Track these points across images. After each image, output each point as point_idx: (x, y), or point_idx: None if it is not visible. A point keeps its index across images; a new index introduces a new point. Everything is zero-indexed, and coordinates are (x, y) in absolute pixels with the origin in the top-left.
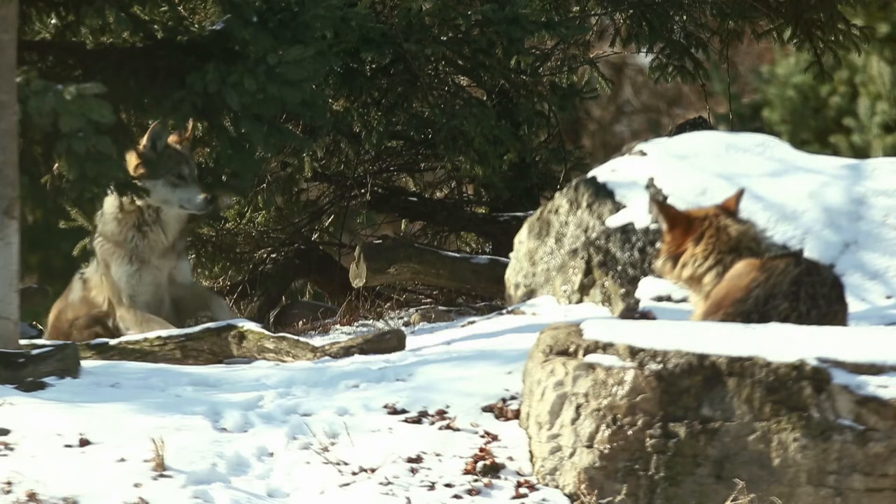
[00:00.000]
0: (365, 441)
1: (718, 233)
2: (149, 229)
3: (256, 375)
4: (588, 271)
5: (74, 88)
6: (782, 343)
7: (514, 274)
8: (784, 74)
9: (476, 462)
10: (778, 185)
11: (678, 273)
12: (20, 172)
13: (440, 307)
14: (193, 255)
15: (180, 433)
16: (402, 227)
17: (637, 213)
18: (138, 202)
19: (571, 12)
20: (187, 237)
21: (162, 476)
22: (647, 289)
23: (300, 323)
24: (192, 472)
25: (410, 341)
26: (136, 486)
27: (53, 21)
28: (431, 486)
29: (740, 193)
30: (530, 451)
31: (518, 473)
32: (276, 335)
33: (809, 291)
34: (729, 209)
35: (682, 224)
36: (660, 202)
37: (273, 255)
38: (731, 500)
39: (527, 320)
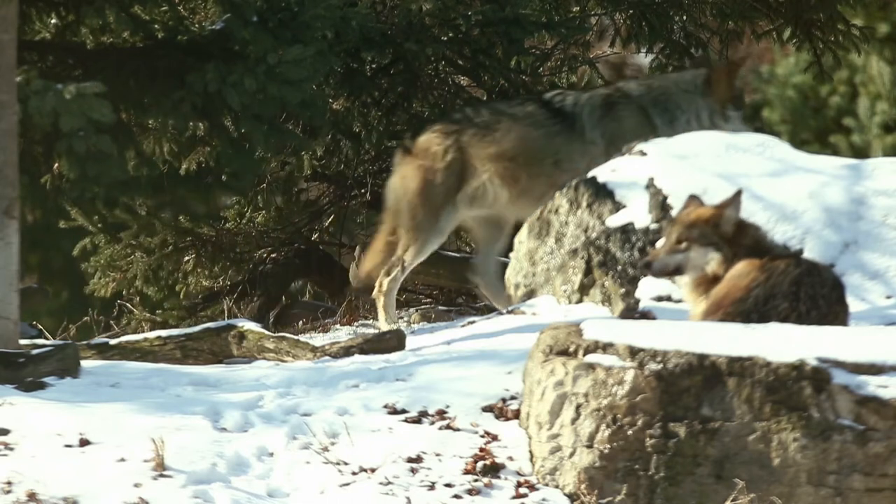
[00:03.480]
0: (365, 441)
1: (739, 231)
2: None
3: (256, 375)
4: (588, 271)
5: (74, 88)
6: (782, 343)
7: (514, 274)
8: (784, 74)
9: (476, 462)
10: (778, 185)
11: None
12: (20, 172)
13: (440, 307)
14: (193, 254)
15: (180, 433)
16: None
17: (637, 213)
18: None
19: (571, 12)
20: None
21: (162, 476)
22: (647, 289)
23: (300, 323)
24: (192, 472)
25: (410, 341)
26: (136, 486)
27: (53, 21)
28: (431, 486)
29: (738, 194)
30: (530, 451)
31: (518, 473)
32: (276, 335)
33: (809, 292)
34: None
35: None
36: (694, 196)
37: (273, 255)
38: (731, 500)
39: (527, 320)
